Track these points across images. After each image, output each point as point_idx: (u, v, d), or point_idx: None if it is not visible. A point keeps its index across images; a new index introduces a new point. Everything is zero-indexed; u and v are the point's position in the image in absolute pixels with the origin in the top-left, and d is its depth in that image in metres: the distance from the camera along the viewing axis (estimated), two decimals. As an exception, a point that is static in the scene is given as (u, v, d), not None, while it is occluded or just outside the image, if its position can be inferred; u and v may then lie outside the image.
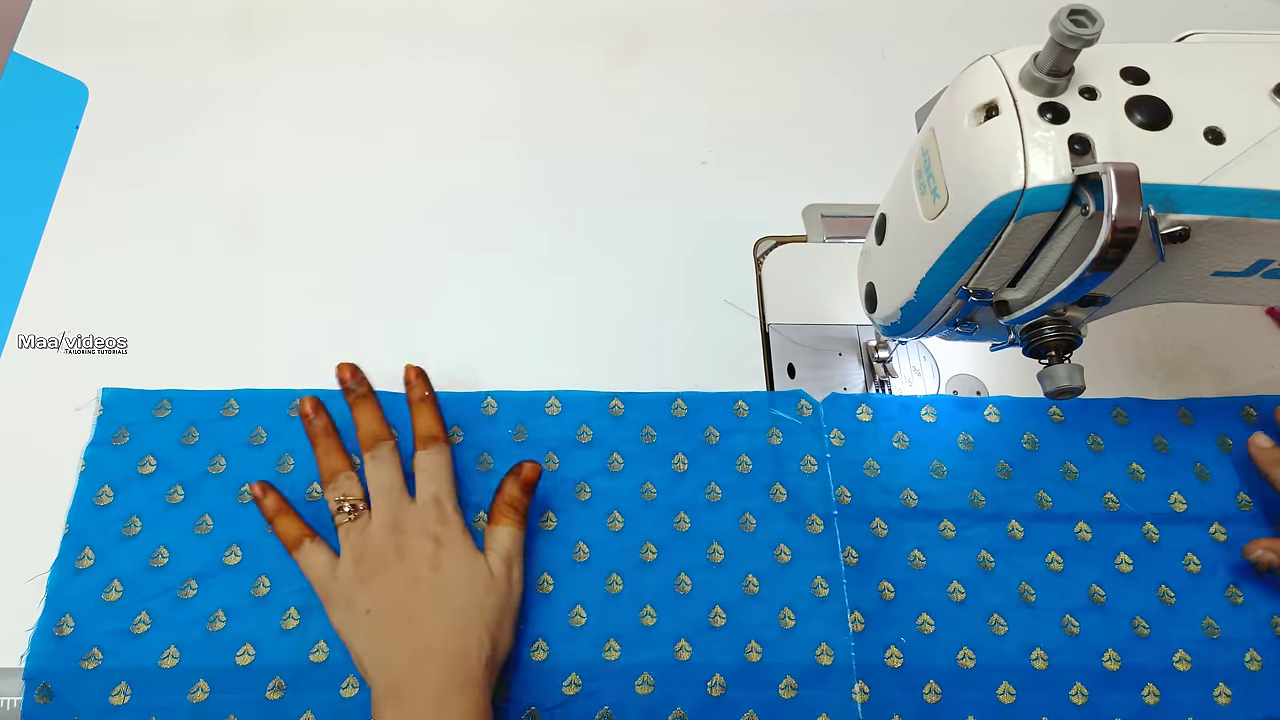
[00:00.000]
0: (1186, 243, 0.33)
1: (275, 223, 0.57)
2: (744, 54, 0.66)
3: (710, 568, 0.47)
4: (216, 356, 0.52)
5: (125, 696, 0.42)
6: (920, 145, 0.38)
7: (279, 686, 0.43)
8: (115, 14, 0.64)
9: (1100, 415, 0.52)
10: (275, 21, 0.65)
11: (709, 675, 0.44)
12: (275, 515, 0.44)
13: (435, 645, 0.40)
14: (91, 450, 0.48)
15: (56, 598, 0.44)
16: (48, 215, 0.56)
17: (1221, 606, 0.47)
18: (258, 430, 0.49)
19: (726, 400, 0.51)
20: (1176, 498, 0.50)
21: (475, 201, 0.59)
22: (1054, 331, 0.38)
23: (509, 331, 0.54)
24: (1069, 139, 0.32)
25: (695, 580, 0.46)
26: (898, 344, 0.54)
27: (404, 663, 0.39)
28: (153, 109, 0.61)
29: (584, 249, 0.57)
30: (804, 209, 0.59)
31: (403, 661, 0.40)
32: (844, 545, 0.48)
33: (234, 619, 0.44)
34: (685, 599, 0.46)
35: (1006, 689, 0.44)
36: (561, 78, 0.64)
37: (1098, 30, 0.31)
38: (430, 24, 0.66)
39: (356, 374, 0.47)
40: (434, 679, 0.39)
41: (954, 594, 0.47)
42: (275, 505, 0.45)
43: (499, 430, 0.50)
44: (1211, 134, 0.33)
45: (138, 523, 0.46)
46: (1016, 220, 0.33)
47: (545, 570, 0.46)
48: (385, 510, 0.43)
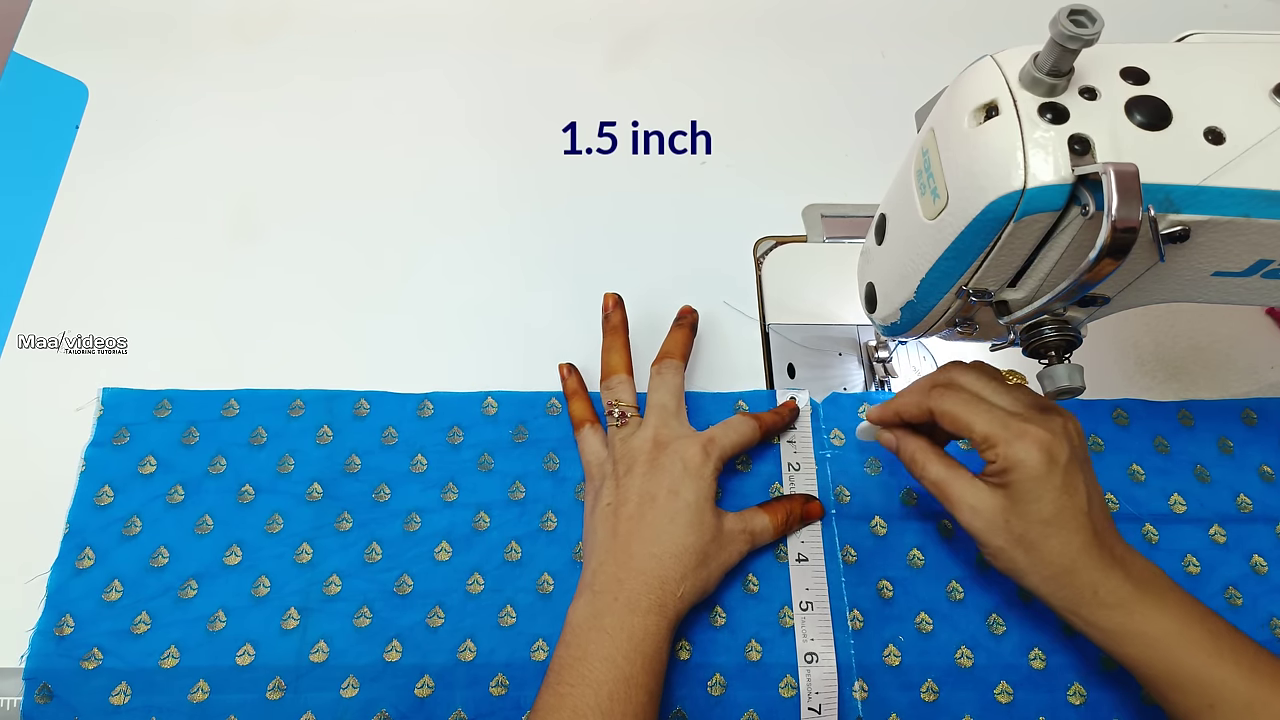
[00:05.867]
0: (1186, 243, 0.33)
1: (275, 222, 0.57)
2: (744, 54, 0.66)
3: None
4: (216, 356, 0.52)
5: (125, 696, 0.42)
6: (920, 145, 0.38)
7: (279, 687, 0.43)
8: (115, 14, 0.64)
9: (1101, 416, 0.52)
10: (275, 21, 0.65)
11: (709, 675, 0.44)
12: (572, 395, 0.50)
13: (643, 563, 0.42)
14: (92, 450, 0.48)
15: (57, 598, 0.44)
16: (48, 215, 0.56)
17: (1221, 608, 0.46)
18: (258, 430, 0.49)
19: (727, 400, 0.51)
20: (1176, 499, 0.50)
21: (475, 201, 0.59)
22: (1054, 331, 0.38)
23: (509, 331, 0.54)
24: (1069, 139, 0.32)
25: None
26: (898, 344, 0.54)
27: (612, 567, 0.42)
28: (153, 109, 0.61)
29: (584, 249, 0.57)
30: (804, 209, 0.59)
31: (612, 566, 0.42)
32: (842, 544, 0.48)
33: (234, 619, 0.44)
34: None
35: (1004, 689, 0.45)
36: (561, 77, 0.64)
37: (1098, 30, 0.31)
38: (431, 23, 0.66)
39: (688, 308, 0.52)
40: (630, 591, 0.41)
41: (953, 593, 0.47)
42: (575, 386, 0.50)
43: (500, 430, 0.50)
44: (1211, 134, 0.33)
45: (138, 523, 0.46)
46: (1016, 220, 0.33)
47: (545, 570, 0.46)
48: (654, 425, 0.46)
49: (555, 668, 0.40)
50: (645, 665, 0.39)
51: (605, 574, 0.42)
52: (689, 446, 0.45)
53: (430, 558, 0.46)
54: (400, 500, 0.48)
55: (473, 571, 0.46)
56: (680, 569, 0.42)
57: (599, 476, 0.47)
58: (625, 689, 0.38)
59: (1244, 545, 0.48)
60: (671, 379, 0.48)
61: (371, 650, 0.44)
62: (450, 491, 0.48)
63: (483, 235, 0.57)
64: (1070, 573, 0.39)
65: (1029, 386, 0.42)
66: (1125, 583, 0.38)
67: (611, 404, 0.48)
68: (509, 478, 0.49)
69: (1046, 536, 0.39)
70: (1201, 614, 0.38)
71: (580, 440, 0.48)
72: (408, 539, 0.47)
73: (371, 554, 0.46)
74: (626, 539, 0.43)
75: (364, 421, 0.50)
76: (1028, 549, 0.39)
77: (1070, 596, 0.39)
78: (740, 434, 0.47)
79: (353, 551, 0.46)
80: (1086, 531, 0.39)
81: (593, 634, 0.40)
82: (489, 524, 0.47)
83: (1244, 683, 0.36)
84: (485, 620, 0.45)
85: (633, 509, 0.44)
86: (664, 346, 0.50)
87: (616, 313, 0.51)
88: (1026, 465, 0.38)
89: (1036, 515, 0.39)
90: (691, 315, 0.52)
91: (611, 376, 0.49)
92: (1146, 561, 0.40)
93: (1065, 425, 0.40)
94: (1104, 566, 0.39)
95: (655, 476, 0.44)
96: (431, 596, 0.45)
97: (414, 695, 0.43)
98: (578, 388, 0.50)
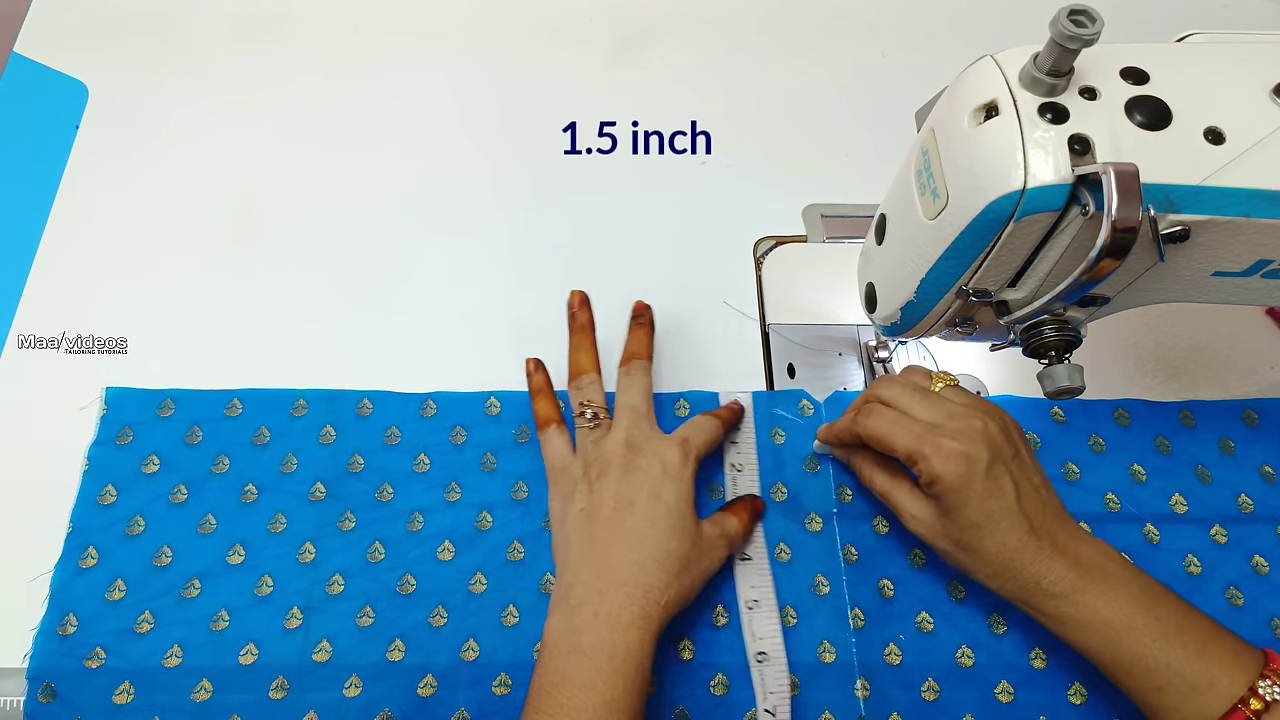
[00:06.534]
0: (1186, 243, 0.34)
1: (275, 222, 0.57)
2: (744, 54, 0.66)
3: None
4: (216, 357, 0.52)
5: (128, 696, 0.42)
6: (920, 145, 0.38)
7: (282, 686, 0.43)
8: (115, 14, 0.64)
9: (1102, 416, 0.52)
10: (275, 21, 0.65)
11: (711, 675, 0.44)
12: (537, 392, 0.49)
13: (625, 573, 0.40)
14: (95, 449, 0.48)
15: (60, 597, 0.44)
16: (48, 215, 0.56)
17: (1221, 608, 0.47)
18: (261, 430, 0.49)
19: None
20: (1177, 499, 0.50)
21: (474, 202, 0.59)
22: (1054, 331, 0.38)
23: (510, 332, 0.54)
24: (1069, 139, 0.32)
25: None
26: (898, 344, 0.54)
27: (590, 577, 0.41)
28: (153, 109, 0.61)
29: (584, 249, 0.57)
30: (804, 209, 0.59)
31: (589, 576, 0.41)
32: (843, 543, 0.48)
33: (237, 618, 0.44)
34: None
35: (1005, 688, 0.45)
36: (561, 77, 0.64)
37: (1098, 30, 0.31)
38: (432, 23, 0.66)
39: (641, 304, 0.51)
40: (611, 604, 0.40)
41: (953, 592, 0.47)
42: (541, 384, 0.49)
43: (502, 430, 0.50)
44: (1211, 134, 0.33)
45: (141, 522, 0.46)
46: (1016, 220, 0.33)
47: (548, 570, 0.46)
48: (626, 426, 0.45)
49: (534, 692, 0.38)
50: (627, 688, 0.38)
51: (583, 585, 0.41)
52: (667, 448, 0.44)
53: (433, 557, 0.46)
54: (403, 500, 0.48)
55: (475, 571, 0.46)
56: (664, 576, 0.41)
57: (565, 481, 0.45)
58: (606, 714, 0.37)
59: (1245, 545, 0.48)
60: (641, 379, 0.47)
61: (374, 650, 0.44)
62: (453, 491, 0.48)
63: (482, 235, 0.57)
64: (1010, 569, 0.40)
65: (958, 386, 0.43)
66: (1069, 572, 0.39)
67: (583, 404, 0.47)
68: (512, 477, 0.49)
69: (980, 539, 0.40)
70: (1150, 596, 0.39)
71: (544, 441, 0.47)
72: (410, 539, 0.47)
73: (374, 553, 0.46)
74: (606, 546, 0.41)
75: (367, 421, 0.50)
76: (967, 551, 0.41)
77: (1016, 589, 0.40)
78: (709, 433, 0.46)
79: (355, 551, 0.46)
80: (1020, 529, 0.39)
81: (571, 656, 0.38)
82: (492, 524, 0.47)
83: (1191, 664, 0.37)
84: (488, 620, 0.45)
85: (609, 514, 0.42)
86: (628, 347, 0.49)
87: (584, 311, 0.50)
88: (945, 479, 0.39)
89: (966, 520, 0.40)
90: (648, 312, 0.51)
91: (581, 376, 0.48)
92: (1096, 544, 0.40)
93: (986, 428, 0.40)
94: (1044, 558, 0.39)
95: (632, 480, 0.43)
96: (434, 596, 0.45)
97: (417, 695, 0.43)
98: (544, 385, 0.49)
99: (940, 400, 0.42)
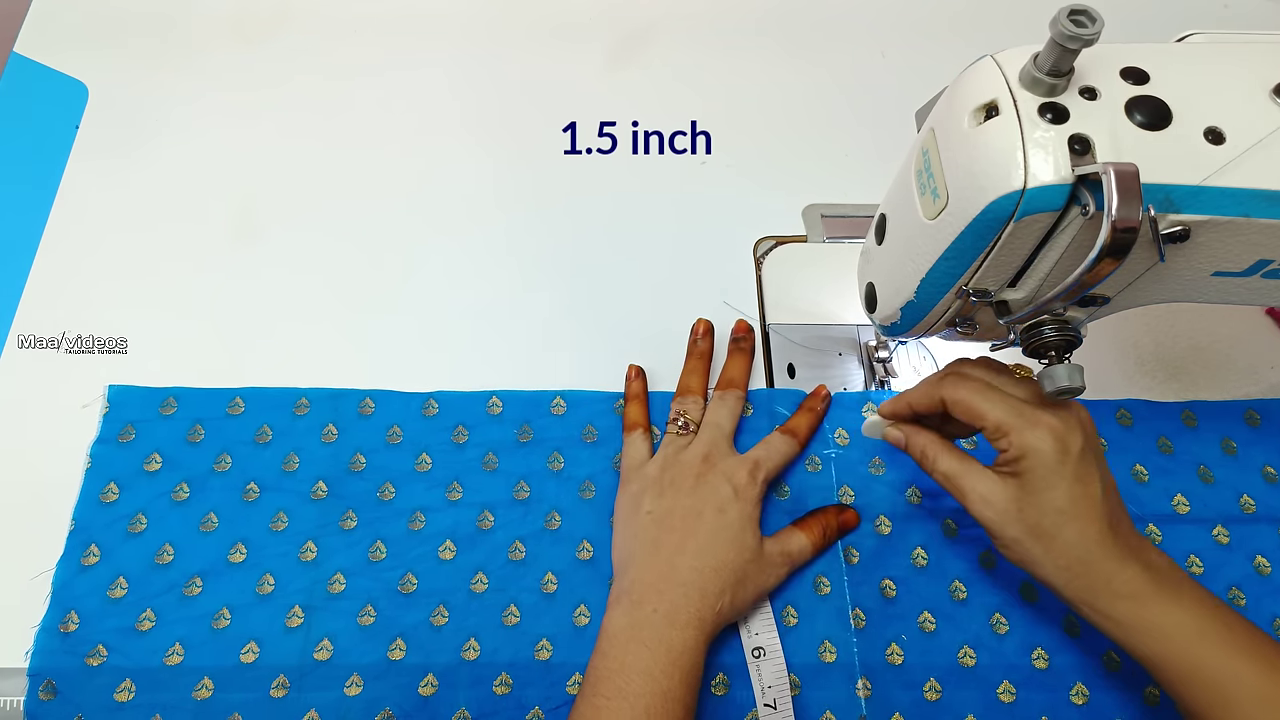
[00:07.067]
0: (1186, 243, 0.34)
1: (275, 222, 0.57)
2: (744, 54, 0.67)
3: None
4: (217, 357, 0.52)
5: (130, 693, 0.42)
6: (920, 145, 0.38)
7: (283, 685, 0.43)
8: (115, 14, 0.64)
9: (1104, 416, 0.52)
10: (275, 21, 0.65)
11: (713, 674, 0.44)
12: (632, 398, 0.51)
13: (685, 575, 0.42)
14: (98, 447, 0.48)
15: (62, 594, 0.44)
16: (48, 215, 0.56)
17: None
18: (263, 428, 0.49)
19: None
20: (1180, 499, 0.50)
21: (474, 202, 0.59)
22: (1054, 331, 0.38)
23: (512, 332, 0.54)
24: (1069, 139, 0.32)
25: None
26: (898, 344, 0.54)
27: (652, 578, 0.42)
28: (153, 109, 0.61)
29: (585, 249, 0.57)
30: (804, 209, 0.59)
31: (651, 576, 0.43)
32: (845, 543, 0.48)
33: (238, 617, 0.44)
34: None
35: (1007, 688, 0.45)
36: (561, 77, 0.64)
37: (1098, 30, 0.31)
38: (432, 23, 0.66)
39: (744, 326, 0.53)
40: (670, 603, 0.41)
41: (955, 593, 0.47)
42: (638, 390, 0.51)
43: (505, 429, 0.50)
44: (1211, 134, 0.33)
45: (143, 520, 0.46)
46: (1016, 220, 0.33)
47: (549, 570, 0.46)
48: (707, 441, 0.47)
49: (592, 678, 0.40)
50: (683, 679, 0.40)
51: (644, 584, 0.42)
52: (737, 469, 0.46)
53: (434, 557, 0.46)
54: (405, 499, 0.48)
55: (477, 571, 0.46)
56: (720, 584, 0.42)
57: (639, 479, 0.47)
58: (663, 703, 0.38)
59: (1247, 546, 0.48)
60: (733, 405, 0.50)
61: (375, 649, 0.44)
62: (455, 491, 0.48)
63: (482, 235, 0.58)
64: (1085, 563, 0.38)
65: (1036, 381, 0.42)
66: (1141, 574, 0.38)
67: (679, 413, 0.49)
68: (513, 477, 0.49)
69: (1060, 526, 0.38)
70: (1216, 607, 0.38)
71: (627, 442, 0.49)
72: (412, 538, 0.47)
73: (376, 552, 0.46)
74: (670, 552, 0.43)
75: (369, 420, 0.50)
76: (1042, 539, 0.39)
77: (1084, 587, 0.39)
78: (782, 454, 0.48)
79: (357, 550, 0.46)
80: (1101, 521, 0.38)
81: (631, 646, 0.40)
82: (493, 523, 0.47)
83: (1260, 678, 0.36)
84: (489, 619, 0.45)
85: (676, 522, 0.44)
86: (726, 372, 0.51)
87: (705, 340, 0.53)
88: (1040, 453, 0.38)
89: (1050, 504, 0.38)
90: (750, 337, 0.53)
91: (687, 395, 0.50)
92: (1161, 554, 0.40)
93: (1078, 415, 0.39)
94: (1119, 557, 0.38)
95: (701, 494, 0.45)
96: (435, 595, 0.45)
97: (418, 694, 0.43)
98: (639, 392, 0.51)
99: (1028, 383, 0.41)
